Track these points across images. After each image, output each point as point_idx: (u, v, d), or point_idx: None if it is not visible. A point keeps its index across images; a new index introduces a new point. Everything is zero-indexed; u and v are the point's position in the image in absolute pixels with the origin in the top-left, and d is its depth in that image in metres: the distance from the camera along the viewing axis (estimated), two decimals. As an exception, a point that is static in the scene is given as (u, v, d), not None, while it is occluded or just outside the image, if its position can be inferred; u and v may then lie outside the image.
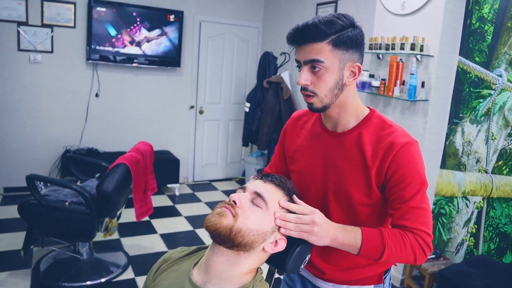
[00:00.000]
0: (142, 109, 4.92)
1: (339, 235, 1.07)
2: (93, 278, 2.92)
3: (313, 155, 1.26)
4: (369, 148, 1.15)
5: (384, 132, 1.16)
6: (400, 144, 1.11)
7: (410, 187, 1.11)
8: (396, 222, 1.13)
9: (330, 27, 1.08)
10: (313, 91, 1.13)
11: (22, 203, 2.76)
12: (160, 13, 4.69)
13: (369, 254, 1.09)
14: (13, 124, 4.33)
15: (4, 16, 4.07)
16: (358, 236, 1.08)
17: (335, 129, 1.23)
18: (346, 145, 1.19)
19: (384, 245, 1.08)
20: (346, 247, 1.09)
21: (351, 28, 1.11)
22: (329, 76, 1.11)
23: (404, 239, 1.09)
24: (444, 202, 3.02)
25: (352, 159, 1.17)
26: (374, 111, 1.23)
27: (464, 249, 2.89)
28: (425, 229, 1.11)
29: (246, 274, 1.03)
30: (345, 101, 1.17)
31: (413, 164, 1.12)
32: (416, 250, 1.09)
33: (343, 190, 1.18)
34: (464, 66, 2.84)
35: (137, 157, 2.94)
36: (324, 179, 1.22)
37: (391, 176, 1.12)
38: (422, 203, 1.12)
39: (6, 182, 4.38)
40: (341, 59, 1.11)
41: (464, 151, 2.88)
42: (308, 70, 1.12)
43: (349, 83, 1.15)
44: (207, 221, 0.99)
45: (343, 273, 1.28)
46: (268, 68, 4.81)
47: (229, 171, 5.68)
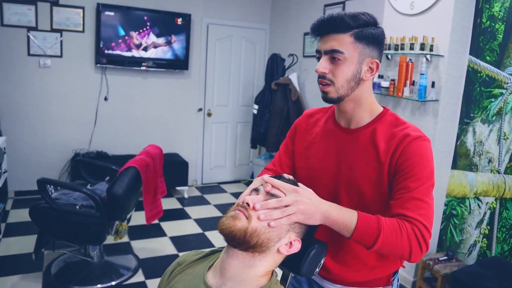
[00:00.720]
0: (150, 112, 4.93)
1: (332, 212, 1.02)
2: (104, 281, 2.93)
3: (326, 151, 1.26)
4: (383, 144, 1.16)
5: (398, 128, 1.17)
6: (412, 137, 1.13)
7: (416, 178, 1.09)
8: (396, 211, 1.09)
9: (355, 20, 1.12)
10: (331, 80, 1.15)
11: (33, 206, 2.78)
12: (168, 16, 4.71)
13: (363, 237, 1.03)
14: (23, 128, 4.36)
15: (15, 22, 4.12)
16: (354, 217, 1.03)
17: (349, 126, 1.24)
18: (359, 141, 1.20)
19: (380, 230, 1.02)
20: (339, 227, 1.04)
21: (374, 27, 1.16)
22: (348, 67, 1.14)
23: (401, 228, 1.04)
24: (456, 203, 2.99)
25: (365, 155, 1.18)
26: (388, 110, 1.25)
27: (476, 250, 2.86)
28: (425, 222, 1.06)
29: (261, 276, 1.02)
30: (360, 96, 1.19)
31: (422, 158, 1.11)
32: (412, 242, 1.04)
33: (355, 185, 1.18)
34: (475, 65, 2.81)
35: (147, 160, 2.95)
36: (336, 175, 1.23)
37: (400, 166, 1.12)
38: (426, 197, 1.09)
39: (17, 186, 4.42)
40: (361, 53, 1.14)
41: (475, 151, 2.85)
42: (327, 59, 1.15)
43: (366, 78, 1.17)
44: (221, 225, 0.98)
45: (351, 273, 1.27)
46: (276, 70, 4.80)
47: (238, 173, 5.68)
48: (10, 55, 4.18)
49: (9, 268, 3.01)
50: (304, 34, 4.67)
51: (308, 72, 4.67)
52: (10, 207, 4.15)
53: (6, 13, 4.07)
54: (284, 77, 4.67)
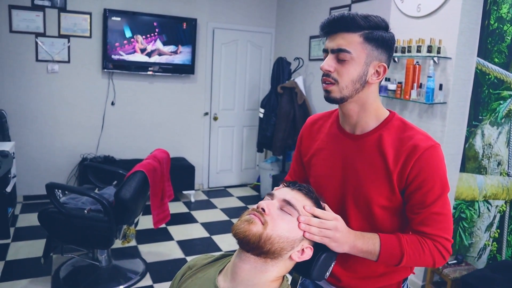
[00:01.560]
0: (157, 117, 4.95)
1: (358, 243, 1.07)
2: (112, 285, 2.94)
3: (331, 158, 1.24)
4: (391, 151, 1.12)
5: (406, 134, 1.14)
6: (423, 148, 1.09)
7: (432, 192, 1.09)
8: (416, 228, 1.12)
9: (366, 21, 1.09)
10: (335, 78, 1.12)
11: (42, 211, 2.79)
12: (174, 21, 4.73)
13: (388, 260, 1.10)
14: (31, 133, 4.40)
15: (23, 28, 4.16)
16: (377, 243, 1.09)
17: (354, 131, 1.20)
18: (365, 148, 1.17)
19: (403, 252, 1.08)
20: (364, 254, 1.09)
21: (385, 30, 1.13)
22: (354, 67, 1.10)
23: (423, 246, 1.09)
24: (465, 206, 2.97)
25: (373, 163, 1.15)
26: (395, 114, 1.21)
27: (486, 254, 2.83)
28: (445, 235, 1.11)
29: (272, 281, 1.02)
30: (365, 100, 1.16)
31: (436, 169, 1.10)
32: (435, 256, 1.10)
33: (362, 194, 1.16)
34: (483, 67, 2.80)
35: (154, 165, 2.96)
36: (342, 183, 1.20)
37: (413, 180, 1.10)
38: (444, 208, 1.11)
39: (25, 191, 4.44)
40: (369, 54, 1.11)
41: (484, 154, 2.83)
42: (333, 58, 1.12)
43: (372, 81, 1.14)
44: (235, 228, 0.98)
45: (360, 281, 1.25)
46: (282, 74, 4.81)
47: (244, 177, 5.67)
48: (19, 61, 4.22)
49: (18, 272, 3.03)
50: (310, 37, 4.67)
51: (314, 75, 4.67)
52: (19, 212, 4.18)
53: (14, 19, 4.11)
54: (290, 81, 4.67)
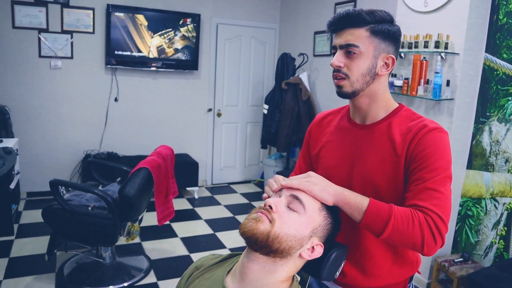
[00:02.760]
0: (160, 113, 4.93)
1: (345, 192, 1.05)
2: (116, 283, 2.93)
3: (340, 149, 1.25)
4: (399, 138, 1.15)
5: (414, 122, 1.17)
6: (428, 128, 1.12)
7: (431, 168, 1.06)
8: (409, 202, 1.06)
9: (371, 16, 1.13)
10: (346, 73, 1.15)
11: (46, 208, 2.78)
12: (177, 16, 4.70)
13: (373, 221, 1.01)
14: (34, 130, 4.38)
15: (26, 24, 4.14)
16: (365, 200, 1.04)
17: (364, 122, 1.24)
18: (375, 136, 1.19)
19: (390, 215, 1.00)
20: (350, 207, 1.03)
21: (390, 23, 1.16)
22: (363, 61, 1.14)
23: (413, 216, 1.00)
24: (471, 204, 2.94)
25: (381, 149, 1.17)
26: (404, 106, 1.24)
27: (493, 252, 2.80)
28: (439, 212, 1.01)
29: (282, 282, 1.00)
30: (376, 92, 1.19)
31: (438, 148, 1.09)
32: (424, 231, 0.99)
33: (370, 180, 1.17)
34: (491, 63, 2.76)
35: (158, 161, 2.94)
36: (350, 172, 1.21)
37: (415, 157, 1.10)
38: (441, 187, 1.05)
39: (29, 187, 4.44)
40: (377, 47, 1.14)
41: (492, 151, 2.80)
42: (342, 53, 1.16)
43: (382, 73, 1.17)
44: (243, 227, 0.96)
45: (366, 278, 1.23)
46: (286, 70, 4.77)
47: (248, 173, 5.65)
48: (22, 57, 4.20)
49: (22, 269, 3.03)
50: (315, 33, 4.63)
51: (319, 71, 4.63)
52: (23, 208, 4.17)
53: (17, 15, 4.09)
54: (295, 77, 4.64)
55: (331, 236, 1.05)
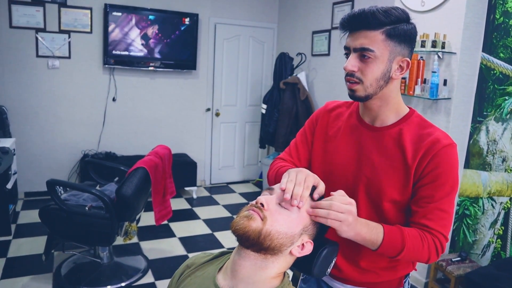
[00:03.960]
0: (158, 113, 4.93)
1: (363, 230, 1.06)
2: (114, 283, 2.93)
3: (347, 147, 1.24)
4: (410, 146, 1.13)
5: (426, 131, 1.15)
6: (443, 144, 1.11)
7: (443, 188, 1.10)
8: (419, 220, 1.12)
9: (387, 16, 1.08)
10: (360, 78, 1.12)
11: (43, 208, 2.78)
12: (175, 16, 4.70)
13: (387, 252, 1.09)
14: (32, 130, 4.38)
15: (23, 23, 4.13)
16: (380, 233, 1.08)
17: (373, 123, 1.21)
18: (384, 141, 1.18)
19: (404, 245, 1.08)
20: (366, 243, 1.08)
21: (406, 23, 1.11)
22: (377, 66, 1.10)
23: (423, 241, 1.09)
24: (469, 203, 2.94)
25: (391, 156, 1.16)
26: (415, 111, 1.22)
27: (490, 251, 2.80)
28: (445, 233, 1.12)
29: (273, 278, 1.00)
30: (388, 95, 1.17)
31: (451, 166, 1.11)
32: (431, 252, 1.10)
33: (376, 185, 1.16)
34: (488, 62, 2.76)
35: (155, 161, 2.94)
36: (356, 172, 1.20)
37: (428, 173, 1.11)
38: (449, 207, 1.12)
39: (26, 187, 4.44)
40: (392, 51, 1.10)
41: (489, 150, 2.80)
42: (356, 57, 1.11)
43: (396, 77, 1.14)
44: (234, 225, 0.96)
45: (363, 274, 1.24)
46: (285, 69, 4.77)
47: (246, 173, 5.65)
48: (19, 56, 4.20)
49: (19, 269, 3.02)
50: (313, 32, 4.63)
51: (317, 71, 4.63)
52: (20, 208, 4.17)
53: (14, 14, 4.09)
54: (293, 76, 4.64)
55: (320, 233, 1.05)
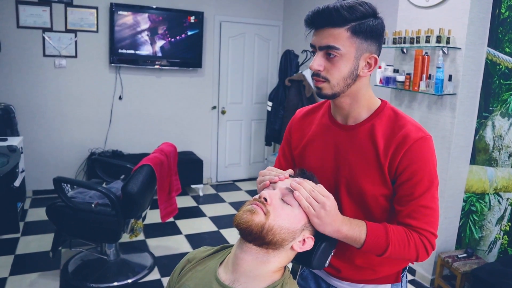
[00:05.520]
0: (164, 111, 4.95)
1: (343, 228, 1.05)
2: (120, 279, 2.95)
3: (323, 149, 1.22)
4: (382, 141, 1.11)
5: (397, 124, 1.13)
6: (413, 139, 1.08)
7: (421, 184, 1.08)
8: (403, 220, 1.11)
9: (352, 12, 1.03)
10: (325, 77, 1.09)
11: (50, 205, 2.81)
12: (181, 14, 4.71)
13: (372, 249, 1.07)
14: (40, 128, 4.42)
15: (30, 23, 4.17)
16: (363, 231, 1.06)
17: (346, 122, 1.19)
18: (358, 138, 1.15)
19: (388, 242, 1.06)
20: (349, 240, 1.07)
21: (373, 18, 1.07)
22: (344, 64, 1.07)
23: (409, 238, 1.08)
24: (475, 199, 2.92)
25: (365, 153, 1.13)
26: (386, 103, 1.19)
27: (497, 247, 2.79)
28: (431, 229, 1.10)
29: (274, 272, 1.01)
30: (357, 92, 1.14)
31: (425, 161, 1.09)
32: (419, 250, 1.09)
33: (355, 184, 1.15)
34: (494, 57, 2.74)
35: (161, 158, 2.95)
36: (335, 174, 1.19)
37: (402, 171, 1.09)
38: (431, 202, 1.10)
39: (34, 185, 4.48)
40: (358, 48, 1.07)
41: (495, 145, 2.78)
42: (322, 56, 1.08)
43: (364, 74, 1.11)
44: (238, 218, 0.97)
45: (359, 271, 1.24)
46: (290, 66, 4.77)
47: (253, 171, 5.66)
48: (26, 56, 4.24)
49: (28, 265, 3.06)
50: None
51: (322, 68, 4.62)
52: (28, 206, 4.22)
53: (21, 15, 4.13)
54: (298, 73, 4.64)
55: None
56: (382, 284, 1.25)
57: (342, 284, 1.28)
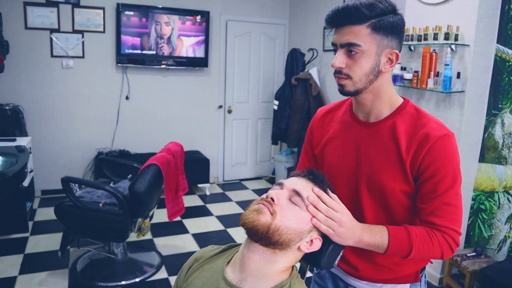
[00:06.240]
0: (171, 110, 4.96)
1: (364, 237, 1.06)
2: (128, 278, 2.96)
3: (344, 146, 1.22)
4: (404, 139, 1.11)
5: (419, 122, 1.12)
6: (436, 137, 1.08)
7: (444, 181, 1.07)
8: (425, 218, 1.10)
9: (371, 10, 1.05)
10: (347, 74, 1.10)
11: (58, 205, 2.83)
12: (187, 14, 4.72)
13: (396, 253, 1.09)
14: (48, 129, 4.45)
15: (38, 24, 4.20)
16: (385, 236, 1.07)
17: (368, 119, 1.19)
18: (379, 135, 1.15)
19: (412, 245, 1.07)
20: (372, 247, 1.08)
21: (392, 14, 1.08)
22: (366, 60, 1.08)
23: (432, 238, 1.08)
24: (484, 198, 2.89)
25: (386, 150, 1.13)
26: (409, 101, 1.19)
27: (507, 246, 2.76)
28: (455, 227, 1.09)
29: (282, 272, 1.01)
30: (379, 89, 1.14)
31: (448, 158, 1.08)
32: (443, 248, 1.09)
33: (376, 181, 1.14)
34: (503, 54, 2.71)
35: (168, 158, 2.96)
36: (356, 171, 1.19)
37: (425, 169, 1.08)
38: (454, 199, 1.09)
39: (43, 185, 4.52)
40: (379, 44, 1.08)
41: (504, 143, 2.75)
42: (344, 53, 1.09)
43: (385, 70, 1.11)
44: (244, 218, 0.96)
45: (378, 270, 1.23)
46: (296, 65, 4.76)
47: (259, 170, 5.66)
48: (34, 57, 4.27)
49: (37, 265, 3.09)
50: (324, 28, 4.60)
51: (329, 66, 4.60)
52: (37, 206, 4.25)
53: (29, 16, 4.16)
54: (304, 72, 4.62)
55: None
56: (401, 283, 1.24)
57: (360, 284, 1.27)
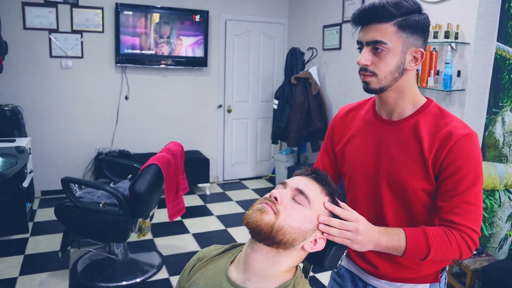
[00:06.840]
0: (171, 110, 4.96)
1: (382, 240, 1.05)
2: (129, 278, 2.96)
3: (366, 144, 1.23)
4: (427, 137, 1.12)
5: (442, 121, 1.13)
6: (458, 135, 1.08)
7: (465, 179, 1.08)
8: (444, 216, 1.10)
9: (397, 8, 1.07)
10: (373, 71, 1.11)
11: (58, 205, 2.82)
12: (186, 13, 4.71)
13: (414, 255, 1.08)
14: (47, 129, 4.44)
15: (36, 25, 4.19)
16: (402, 238, 1.07)
17: (390, 117, 1.20)
18: (402, 133, 1.16)
19: (429, 246, 1.06)
20: (389, 250, 1.08)
21: (418, 13, 1.10)
22: (391, 58, 1.09)
23: (450, 239, 1.07)
24: (485, 196, 2.89)
25: (408, 148, 1.14)
26: (432, 101, 1.20)
27: (508, 244, 2.76)
28: (474, 226, 1.08)
29: (286, 272, 1.00)
30: (403, 87, 1.15)
31: (470, 157, 1.09)
32: (462, 248, 1.08)
33: (398, 179, 1.15)
34: (503, 52, 2.70)
35: (168, 157, 2.95)
36: (377, 168, 1.19)
37: (447, 167, 1.09)
38: (475, 199, 1.09)
39: (43, 186, 4.51)
40: (405, 42, 1.09)
41: (505, 141, 2.75)
42: (369, 51, 1.11)
43: (410, 68, 1.13)
44: (247, 217, 0.96)
45: (398, 269, 1.23)
46: (296, 64, 4.75)
47: (259, 169, 5.65)
48: (33, 57, 4.26)
49: (37, 265, 3.08)
50: (323, 27, 4.60)
51: (328, 65, 4.60)
52: (37, 206, 4.24)
53: (28, 16, 4.14)
54: (304, 71, 4.62)
55: None
56: (420, 283, 1.24)
57: (379, 283, 1.27)
